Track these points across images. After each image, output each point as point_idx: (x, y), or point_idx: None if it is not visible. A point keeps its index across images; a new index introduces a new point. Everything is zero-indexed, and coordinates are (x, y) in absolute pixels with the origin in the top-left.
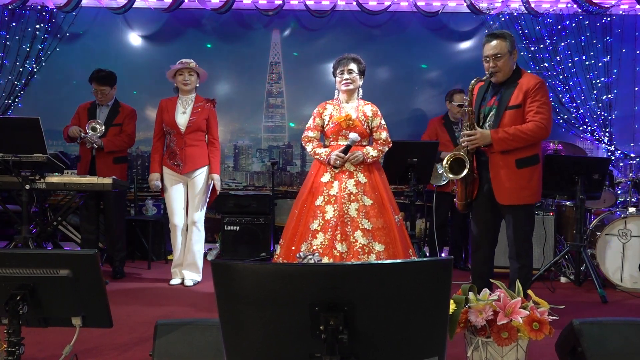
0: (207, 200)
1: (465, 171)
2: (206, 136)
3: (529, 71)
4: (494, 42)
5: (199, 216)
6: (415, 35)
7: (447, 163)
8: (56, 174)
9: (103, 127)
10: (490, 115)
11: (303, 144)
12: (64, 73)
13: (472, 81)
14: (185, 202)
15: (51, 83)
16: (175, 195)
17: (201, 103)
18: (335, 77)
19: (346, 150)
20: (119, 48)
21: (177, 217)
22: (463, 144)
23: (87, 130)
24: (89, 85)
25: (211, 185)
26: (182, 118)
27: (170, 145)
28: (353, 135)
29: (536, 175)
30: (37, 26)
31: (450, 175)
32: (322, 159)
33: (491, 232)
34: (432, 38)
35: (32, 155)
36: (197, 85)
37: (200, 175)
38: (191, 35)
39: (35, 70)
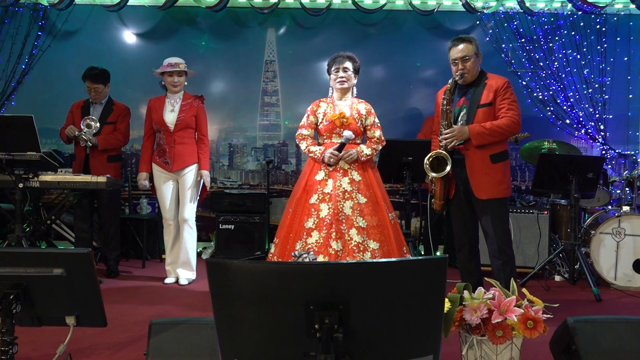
0: (198, 197)
1: (448, 168)
2: (195, 133)
3: (523, 70)
4: (461, 46)
5: (190, 214)
6: (410, 33)
7: (428, 161)
8: (50, 172)
9: (98, 124)
10: (461, 114)
11: (297, 142)
12: (58, 71)
13: (450, 81)
14: (176, 199)
15: (45, 81)
16: (166, 192)
17: (189, 100)
18: (329, 74)
19: (340, 148)
20: (113, 46)
21: (169, 212)
22: (442, 143)
23: (82, 127)
24: (82, 83)
25: (201, 183)
26: (170, 116)
27: (160, 143)
28: (347, 133)
29: (508, 170)
30: (31, 23)
31: (433, 174)
32: (316, 156)
33: (471, 228)
34: (428, 37)
35: (26, 153)
36: (185, 84)
37: (190, 173)
38: (186, 33)
39: (28, 68)
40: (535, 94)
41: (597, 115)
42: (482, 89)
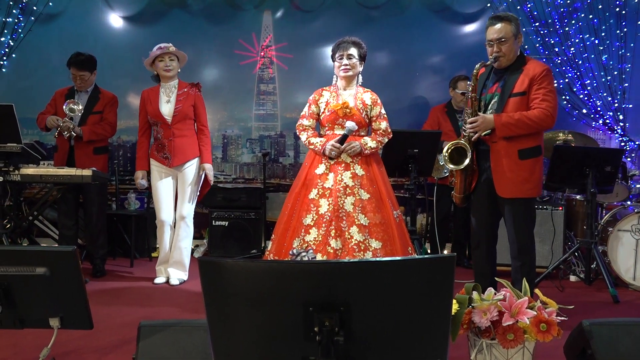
0: (198, 193)
1: (467, 161)
2: (195, 124)
3: (537, 56)
4: (499, 25)
5: (189, 211)
6: (416, 17)
7: (447, 152)
8: (32, 165)
9: (81, 107)
10: (492, 102)
11: (297, 133)
12: (40, 57)
13: (477, 65)
14: (174, 196)
15: (26, 67)
16: (164, 190)
17: (185, 89)
18: (334, 61)
19: (342, 140)
20: (98, 30)
21: (165, 213)
22: (465, 133)
23: (65, 111)
24: (66, 70)
25: (202, 178)
26: (166, 107)
27: (157, 137)
28: (350, 124)
29: (538, 168)
30: (10, 6)
31: (451, 166)
32: (316, 149)
33: (491, 226)
34: (435, 20)
35: (6, 145)
36: (179, 70)
37: (191, 167)
38: (176, 16)
39: (8, 53)
40: None
41: (616, 105)
42: (518, 75)
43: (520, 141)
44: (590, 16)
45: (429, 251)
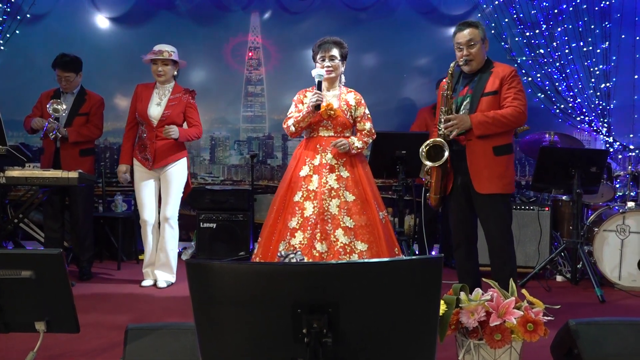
0: (181, 195)
1: (446, 154)
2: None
3: (523, 57)
4: (467, 30)
5: (172, 212)
6: (404, 19)
7: (424, 150)
8: (17, 167)
9: (66, 107)
10: (464, 103)
11: (284, 126)
12: (25, 58)
13: (452, 64)
14: (157, 197)
15: (11, 69)
16: (145, 190)
17: (179, 94)
18: (315, 62)
19: (319, 87)
20: (84, 31)
21: (148, 212)
22: (441, 132)
23: (49, 111)
24: (52, 71)
25: (185, 181)
26: (155, 110)
27: (141, 137)
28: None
29: (511, 165)
30: None
31: (429, 163)
32: (302, 115)
33: (469, 225)
34: (422, 22)
35: None
36: (175, 74)
37: (173, 169)
38: (163, 17)
39: None
40: (535, 83)
41: (601, 106)
42: (488, 76)
43: (494, 139)
44: (576, 18)
45: (416, 252)
